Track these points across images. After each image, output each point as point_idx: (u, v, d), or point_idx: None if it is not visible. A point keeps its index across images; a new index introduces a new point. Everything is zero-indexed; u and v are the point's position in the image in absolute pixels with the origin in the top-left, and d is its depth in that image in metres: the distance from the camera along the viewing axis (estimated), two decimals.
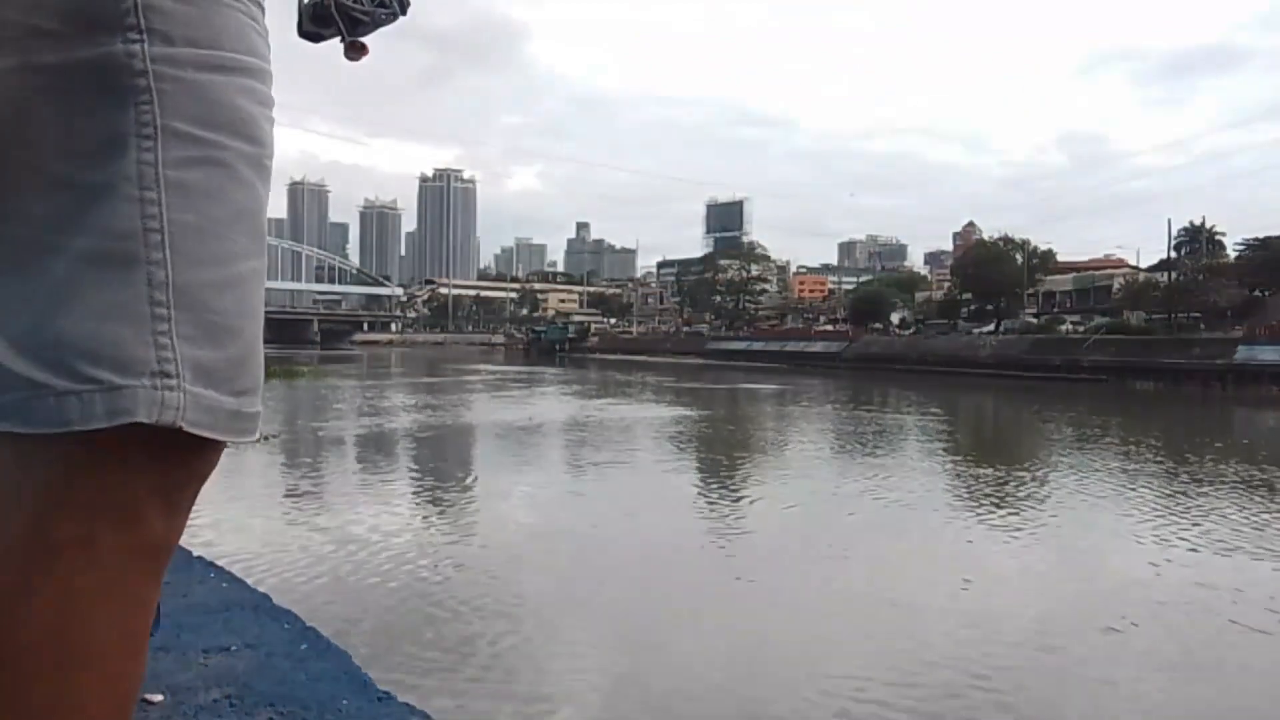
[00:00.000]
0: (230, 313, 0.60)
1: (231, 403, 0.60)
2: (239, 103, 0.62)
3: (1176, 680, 4.27)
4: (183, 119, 0.59)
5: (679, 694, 3.95)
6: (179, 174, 0.59)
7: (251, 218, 0.63)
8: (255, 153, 0.63)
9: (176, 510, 0.64)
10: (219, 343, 0.60)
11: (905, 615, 5.00)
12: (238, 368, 0.61)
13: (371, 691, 2.10)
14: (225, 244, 0.60)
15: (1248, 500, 8.74)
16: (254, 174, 0.63)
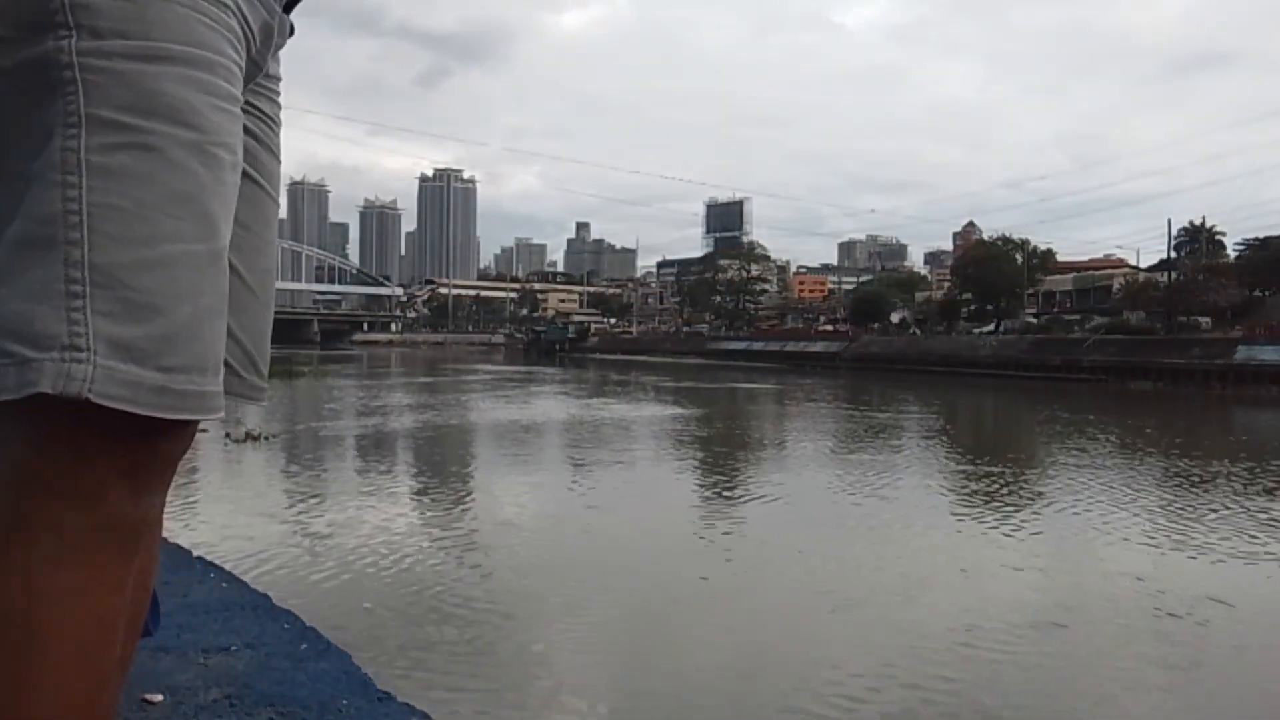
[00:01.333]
0: (153, 291, 0.61)
1: (156, 378, 0.61)
2: (173, 90, 0.63)
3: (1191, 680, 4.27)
4: (109, 107, 0.61)
5: (679, 691, 3.95)
6: (103, 159, 0.61)
7: (190, 201, 0.63)
8: (194, 138, 0.64)
9: (145, 490, 0.66)
10: (140, 319, 0.61)
11: (902, 611, 5.00)
12: (164, 344, 0.62)
13: (371, 691, 2.10)
14: (151, 225, 0.61)
15: (1248, 500, 8.74)
16: (194, 159, 0.64)
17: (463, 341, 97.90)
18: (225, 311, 0.68)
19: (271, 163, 0.90)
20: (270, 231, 0.90)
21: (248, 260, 0.86)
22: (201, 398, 0.65)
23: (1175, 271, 46.65)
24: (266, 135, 0.88)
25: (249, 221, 0.85)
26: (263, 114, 0.88)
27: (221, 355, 0.67)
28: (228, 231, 0.69)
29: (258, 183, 0.87)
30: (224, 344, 0.68)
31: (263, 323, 0.90)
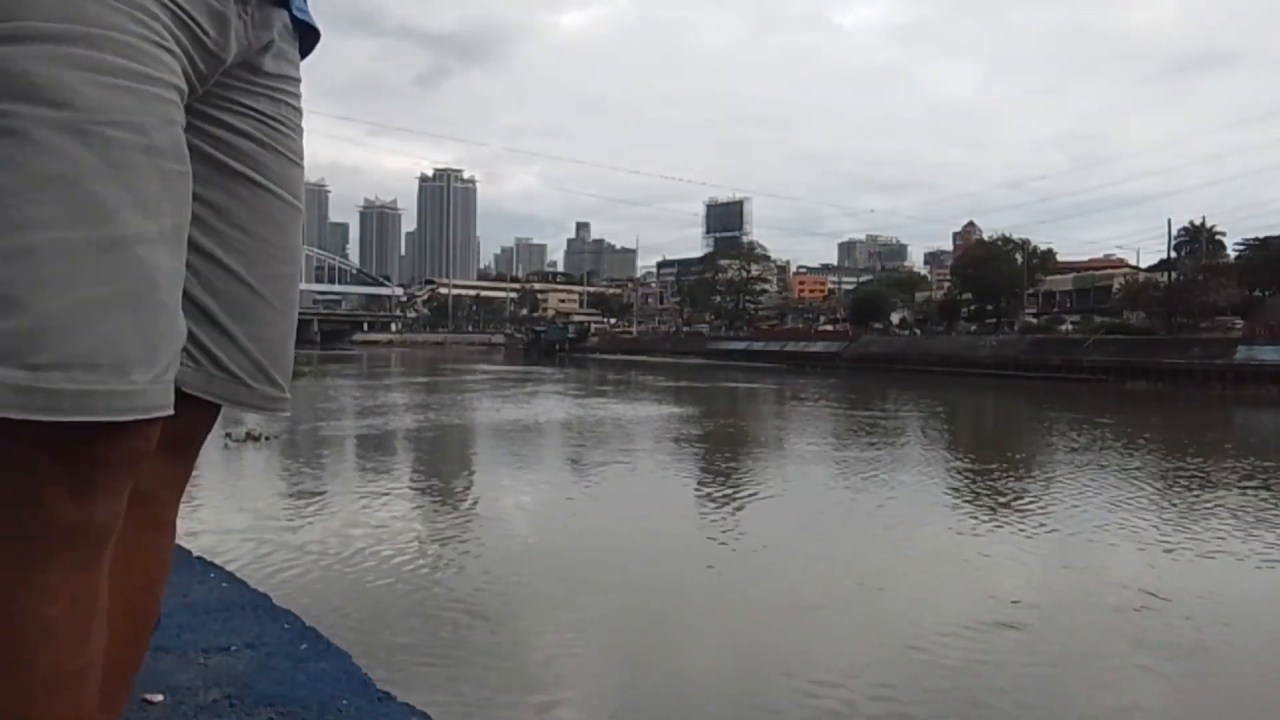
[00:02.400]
0: (13, 283, 0.58)
1: (21, 376, 0.58)
2: (38, 69, 0.60)
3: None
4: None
5: (680, 689, 3.95)
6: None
7: (63, 184, 0.60)
8: (67, 118, 0.60)
9: (90, 494, 0.64)
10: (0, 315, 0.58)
11: (896, 606, 5.01)
12: (28, 340, 0.58)
13: (371, 691, 2.10)
14: (10, 213, 0.58)
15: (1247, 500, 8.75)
16: (67, 139, 0.60)
17: (462, 341, 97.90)
18: (142, 301, 0.63)
19: (278, 164, 0.86)
20: (283, 236, 0.87)
21: (254, 266, 0.84)
22: (90, 397, 0.60)
23: (1175, 271, 46.64)
24: (269, 136, 0.85)
25: (252, 227, 0.83)
26: (260, 114, 0.84)
27: (134, 351, 0.63)
28: (137, 218, 0.64)
29: (261, 185, 0.84)
30: (139, 338, 0.63)
31: (276, 330, 0.87)
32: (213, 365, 0.83)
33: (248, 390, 0.85)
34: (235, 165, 0.83)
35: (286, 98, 0.88)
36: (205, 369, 0.83)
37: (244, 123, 0.83)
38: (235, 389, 0.85)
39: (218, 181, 0.82)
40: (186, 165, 0.70)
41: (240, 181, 0.83)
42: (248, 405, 0.86)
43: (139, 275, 0.63)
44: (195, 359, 0.82)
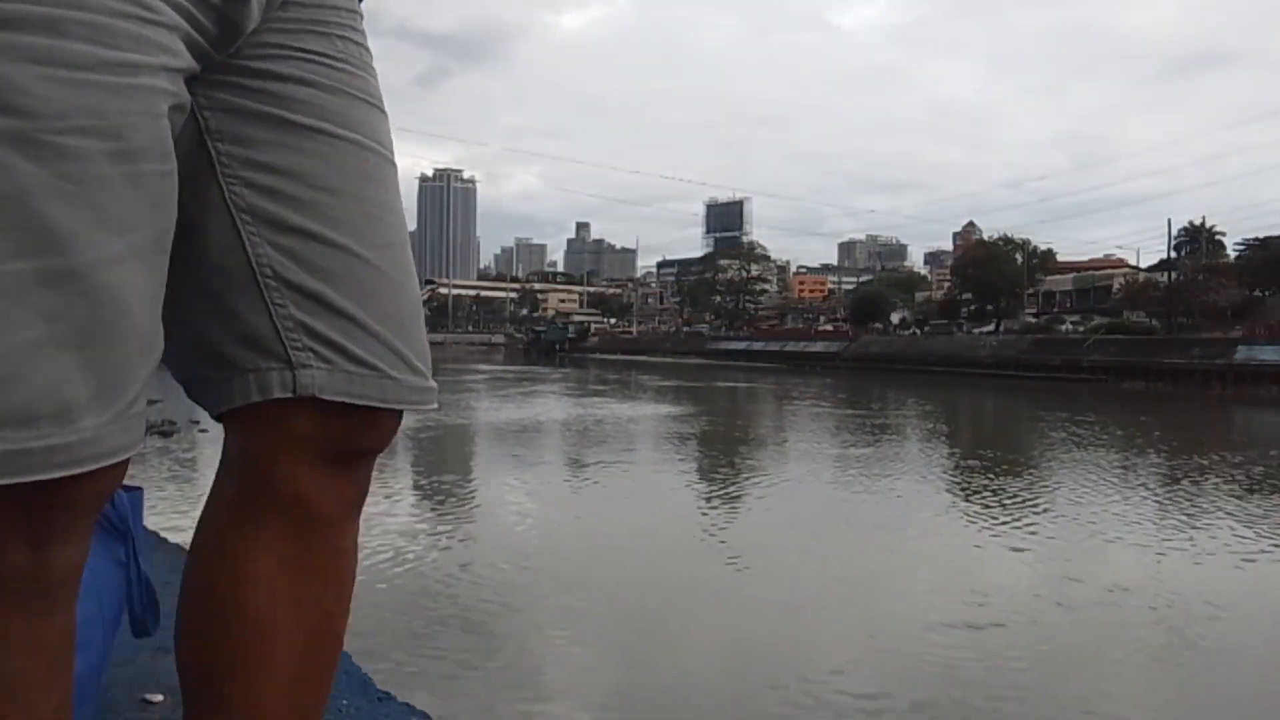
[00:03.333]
0: None
1: None
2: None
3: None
4: None
5: (678, 689, 3.95)
6: None
7: (5, 208, 0.50)
8: (10, 126, 0.50)
9: (48, 540, 0.57)
10: None
11: (893, 604, 5.01)
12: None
13: (371, 691, 2.10)
14: None
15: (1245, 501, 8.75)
16: (10, 153, 0.50)
17: (462, 341, 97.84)
18: (92, 337, 0.54)
19: (349, 106, 0.73)
20: (377, 190, 0.75)
21: (358, 233, 0.72)
22: (23, 456, 0.52)
23: (1175, 271, 46.68)
24: (327, 77, 0.72)
25: (338, 185, 0.72)
26: (309, 52, 0.72)
27: (80, 393, 0.54)
28: (99, 239, 0.54)
29: (333, 135, 0.72)
30: (86, 380, 0.54)
31: (400, 305, 0.75)
32: (346, 359, 0.72)
33: (394, 384, 0.74)
34: (294, 117, 0.70)
35: (338, 30, 0.74)
36: (340, 366, 0.72)
37: (291, 67, 0.71)
38: (381, 384, 0.73)
39: (281, 140, 0.70)
40: (170, 163, 0.60)
41: (306, 134, 0.71)
42: (398, 402, 0.75)
43: (95, 305, 0.54)
44: (325, 357, 0.71)
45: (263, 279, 0.70)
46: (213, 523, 0.79)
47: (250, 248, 0.70)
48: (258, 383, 0.72)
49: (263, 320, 0.71)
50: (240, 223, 0.70)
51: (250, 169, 0.70)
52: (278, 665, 0.75)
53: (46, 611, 0.59)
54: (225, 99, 0.69)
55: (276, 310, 0.71)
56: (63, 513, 0.58)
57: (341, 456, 0.75)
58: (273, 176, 0.70)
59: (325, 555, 0.77)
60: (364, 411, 0.74)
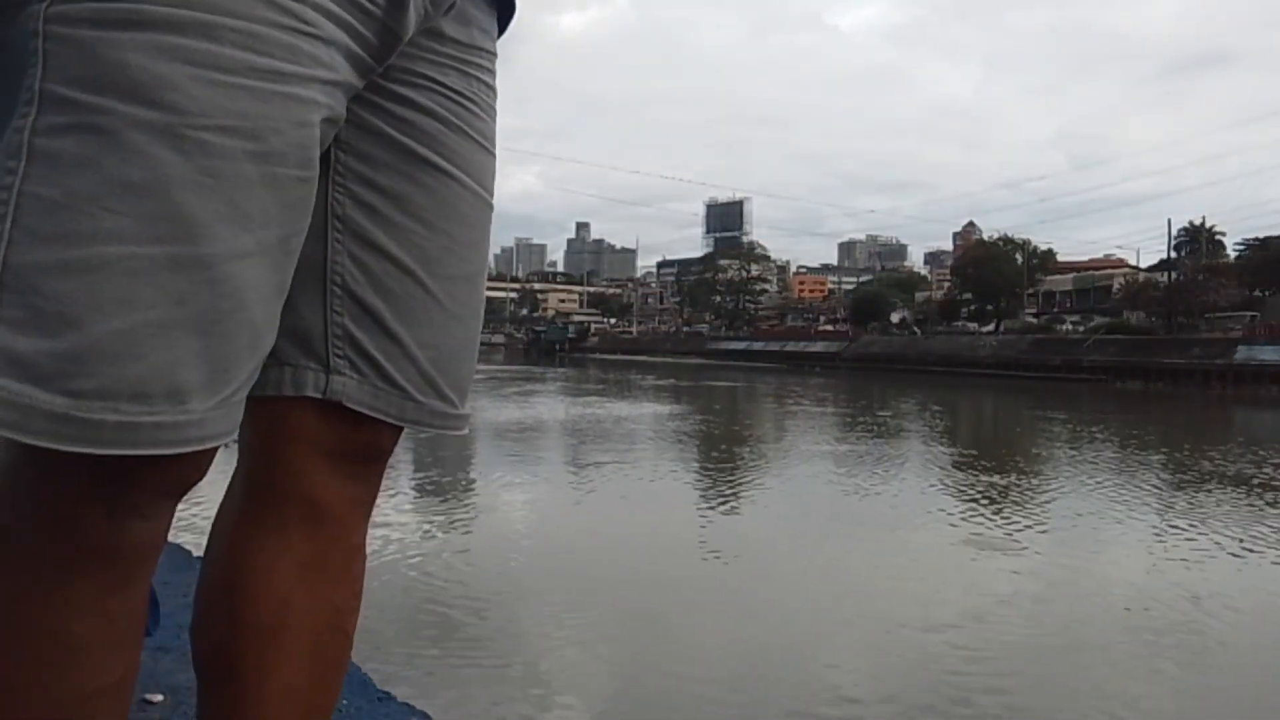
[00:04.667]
0: (70, 300, 0.52)
1: (59, 403, 0.52)
2: (137, 61, 0.53)
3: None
4: (63, 82, 0.53)
5: (679, 688, 3.95)
6: (48, 142, 0.52)
7: (143, 194, 0.53)
8: (162, 119, 0.53)
9: (129, 516, 0.59)
10: (49, 332, 0.52)
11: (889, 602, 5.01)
12: (74, 364, 0.52)
13: (371, 691, 2.10)
14: (84, 221, 0.52)
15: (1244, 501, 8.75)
16: (158, 144, 0.53)
17: None
18: (213, 324, 0.57)
19: (466, 148, 0.76)
20: (467, 231, 0.77)
21: (431, 263, 0.75)
22: (133, 429, 0.54)
23: (1175, 271, 46.67)
24: (456, 116, 0.75)
25: (433, 219, 0.74)
26: (448, 90, 0.75)
27: (194, 378, 0.56)
28: (230, 233, 0.56)
29: (445, 172, 0.75)
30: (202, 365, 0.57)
31: (450, 337, 0.77)
32: (378, 377, 0.75)
33: (415, 406, 0.77)
34: (417, 148, 0.73)
35: (479, 72, 0.77)
36: (370, 381, 0.75)
37: (428, 99, 0.73)
38: (403, 404, 0.77)
39: (398, 166, 0.73)
40: (311, 170, 0.62)
41: (422, 167, 0.74)
42: (415, 422, 0.78)
43: (218, 295, 0.56)
44: (360, 370, 0.75)
45: (331, 284, 0.73)
46: (228, 518, 0.82)
47: (330, 253, 0.72)
48: (293, 378, 0.74)
49: (316, 321, 0.73)
50: (331, 227, 0.72)
51: (360, 183, 0.72)
52: (289, 662, 0.76)
53: (117, 586, 0.61)
54: (361, 114, 0.71)
55: (333, 316, 0.73)
56: (146, 494, 0.59)
57: (355, 459, 0.79)
58: (377, 196, 0.72)
59: (337, 554, 0.79)
60: (382, 421, 0.77)
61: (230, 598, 0.76)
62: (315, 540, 0.77)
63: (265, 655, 0.76)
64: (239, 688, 0.76)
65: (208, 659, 0.78)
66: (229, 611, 0.76)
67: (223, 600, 0.76)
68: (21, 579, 0.58)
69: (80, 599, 0.59)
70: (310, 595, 0.77)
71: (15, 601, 0.58)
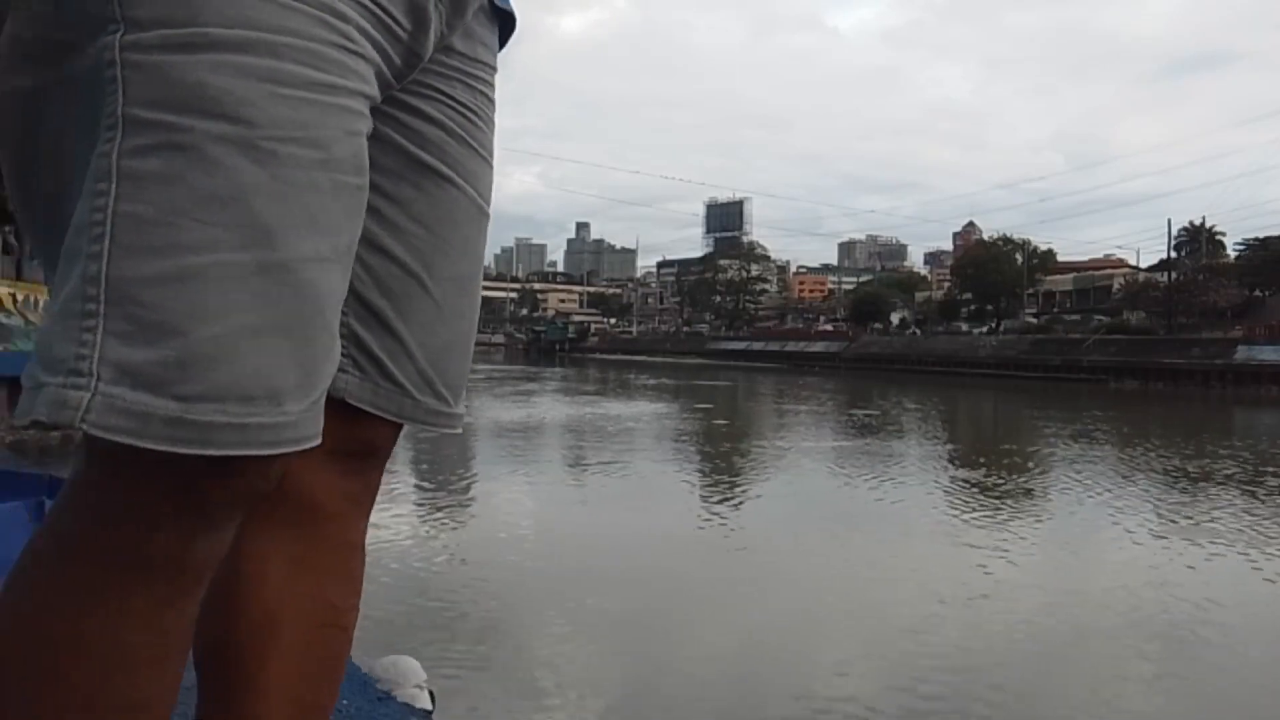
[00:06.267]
0: (169, 308, 0.55)
1: (171, 408, 0.54)
2: (214, 80, 0.56)
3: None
4: (144, 105, 0.56)
5: (679, 688, 3.95)
6: (133, 163, 0.56)
7: (229, 204, 0.56)
8: (239, 133, 0.56)
9: (197, 530, 0.60)
10: (151, 341, 0.54)
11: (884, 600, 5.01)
12: (181, 370, 0.54)
13: (371, 692, 2.10)
14: (175, 234, 0.55)
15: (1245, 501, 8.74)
16: (238, 156, 0.56)
17: None
18: (301, 327, 0.59)
19: (468, 158, 0.79)
20: (465, 237, 0.80)
21: (431, 265, 0.78)
22: (240, 430, 0.56)
23: (1175, 271, 46.65)
24: (461, 127, 0.79)
25: (433, 223, 0.77)
26: (454, 102, 0.78)
27: (289, 380, 0.58)
28: (309, 239, 0.59)
29: (448, 179, 0.78)
30: (295, 367, 0.59)
31: (443, 336, 0.80)
32: (379, 374, 0.77)
33: (413, 404, 0.79)
34: (424, 157, 0.77)
35: (482, 86, 0.81)
36: (371, 378, 0.77)
37: (437, 110, 0.77)
38: (402, 402, 0.79)
39: (404, 174, 0.76)
40: (365, 178, 0.65)
41: (427, 174, 0.77)
42: (413, 420, 0.80)
43: (301, 299, 0.59)
44: (361, 367, 0.77)
45: None
46: None
47: None
48: None
49: None
50: None
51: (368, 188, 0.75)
52: (286, 658, 0.77)
53: (175, 598, 0.62)
54: (373, 123, 0.72)
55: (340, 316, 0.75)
56: (218, 504, 0.60)
57: (353, 456, 0.80)
58: (383, 200, 0.74)
59: (334, 551, 0.80)
60: (380, 418, 0.79)
61: (227, 593, 0.77)
62: (312, 537, 0.78)
63: (262, 651, 0.77)
64: (236, 684, 0.77)
65: (205, 655, 0.78)
66: (226, 607, 0.77)
67: (220, 596, 0.76)
68: (84, 589, 0.59)
69: (139, 611, 0.60)
70: (307, 592, 0.78)
71: (74, 611, 0.59)
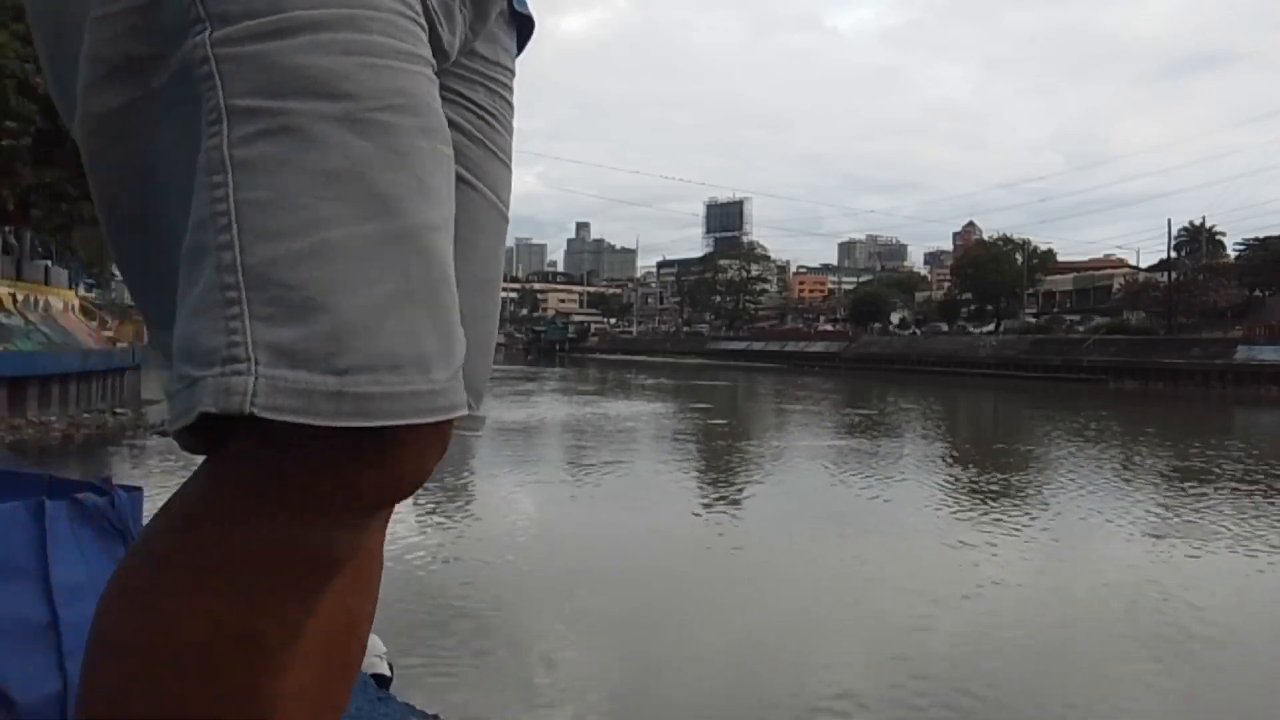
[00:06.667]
0: (311, 285, 0.55)
1: (331, 382, 0.54)
2: (307, 61, 0.57)
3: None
4: (244, 95, 0.57)
5: (679, 688, 3.95)
6: (244, 151, 0.56)
7: (345, 179, 0.57)
8: (342, 109, 0.57)
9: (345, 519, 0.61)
10: (301, 319, 0.55)
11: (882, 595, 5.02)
12: (331, 343, 0.55)
13: (371, 691, 2.10)
14: (300, 214, 0.56)
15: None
16: (344, 131, 0.57)
17: None
18: (434, 293, 0.59)
19: (488, 162, 0.80)
20: (485, 239, 0.80)
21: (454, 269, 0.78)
22: (396, 399, 0.56)
23: (1175, 271, 46.65)
24: (480, 130, 0.79)
25: (456, 226, 0.75)
26: (474, 105, 0.79)
27: (432, 347, 0.58)
28: (424, 206, 0.59)
29: (467, 183, 0.77)
30: (436, 334, 0.59)
31: (470, 341, 0.76)
32: None
33: None
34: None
35: (502, 90, 0.82)
36: None
37: (457, 114, 0.76)
38: None
39: None
40: (451, 148, 0.65)
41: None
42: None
43: (430, 265, 0.59)
44: None
45: None
46: None
47: None
48: None
49: None
50: None
51: None
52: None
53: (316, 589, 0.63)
54: None
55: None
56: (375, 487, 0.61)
57: None
58: None
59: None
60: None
61: None
62: None
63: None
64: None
65: None
66: None
67: None
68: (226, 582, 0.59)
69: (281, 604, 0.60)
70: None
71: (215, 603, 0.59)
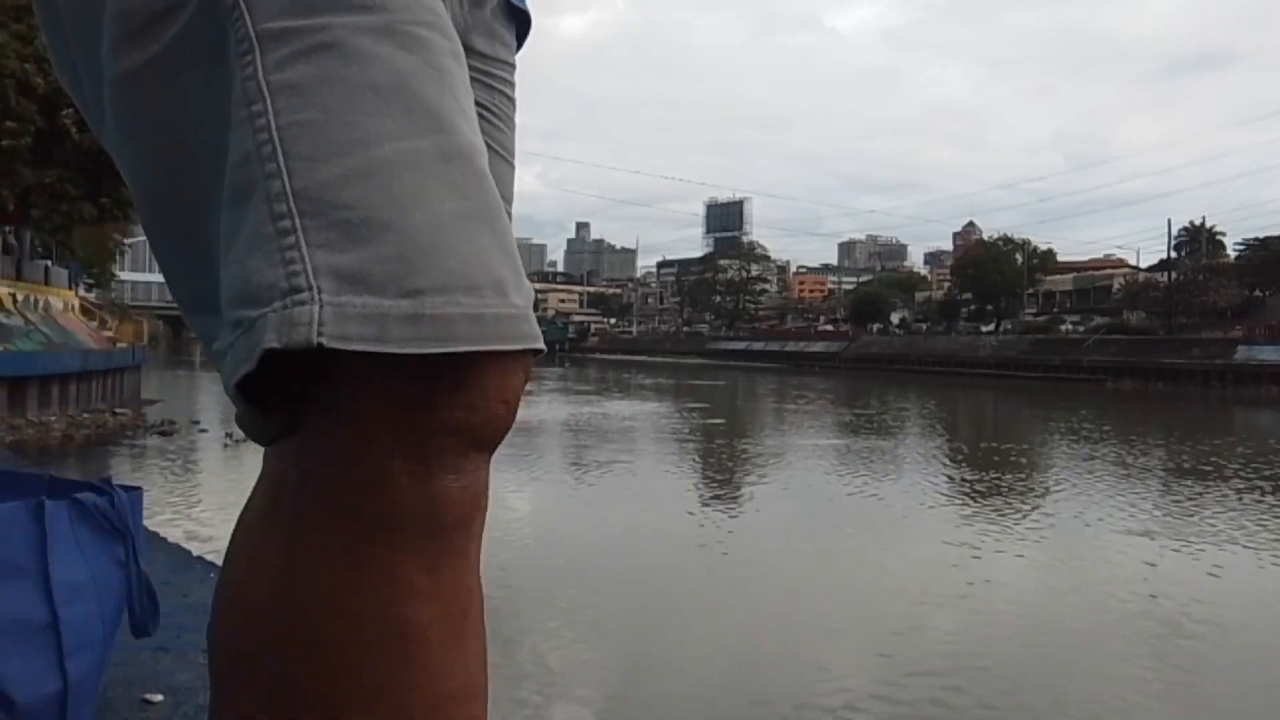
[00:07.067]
0: (371, 203, 0.50)
1: (404, 305, 0.49)
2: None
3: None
4: (275, 17, 0.54)
5: (678, 688, 3.96)
6: (281, 75, 0.53)
7: (393, 92, 0.53)
8: (379, 20, 0.53)
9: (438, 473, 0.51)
10: (363, 240, 0.50)
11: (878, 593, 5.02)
12: (401, 263, 0.49)
13: None
14: (349, 131, 0.52)
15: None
16: (385, 43, 0.53)
17: None
18: (495, 217, 0.55)
19: (489, 158, 0.76)
20: None
21: None
22: (478, 321, 0.50)
23: (1175, 271, 46.67)
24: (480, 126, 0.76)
25: None
26: (474, 103, 0.75)
27: (505, 271, 0.52)
28: (469, 126, 0.56)
29: None
30: (505, 258, 0.53)
31: None
32: None
33: None
34: None
35: (502, 85, 0.80)
36: None
37: None
38: None
39: None
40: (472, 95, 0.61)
41: None
42: None
43: (487, 186, 0.55)
44: None
45: None
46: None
47: None
48: None
49: None
50: None
51: None
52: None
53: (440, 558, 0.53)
54: None
55: None
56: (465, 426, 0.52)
57: None
58: None
59: None
60: None
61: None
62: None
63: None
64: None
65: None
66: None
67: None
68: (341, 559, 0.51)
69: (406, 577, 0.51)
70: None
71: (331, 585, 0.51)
